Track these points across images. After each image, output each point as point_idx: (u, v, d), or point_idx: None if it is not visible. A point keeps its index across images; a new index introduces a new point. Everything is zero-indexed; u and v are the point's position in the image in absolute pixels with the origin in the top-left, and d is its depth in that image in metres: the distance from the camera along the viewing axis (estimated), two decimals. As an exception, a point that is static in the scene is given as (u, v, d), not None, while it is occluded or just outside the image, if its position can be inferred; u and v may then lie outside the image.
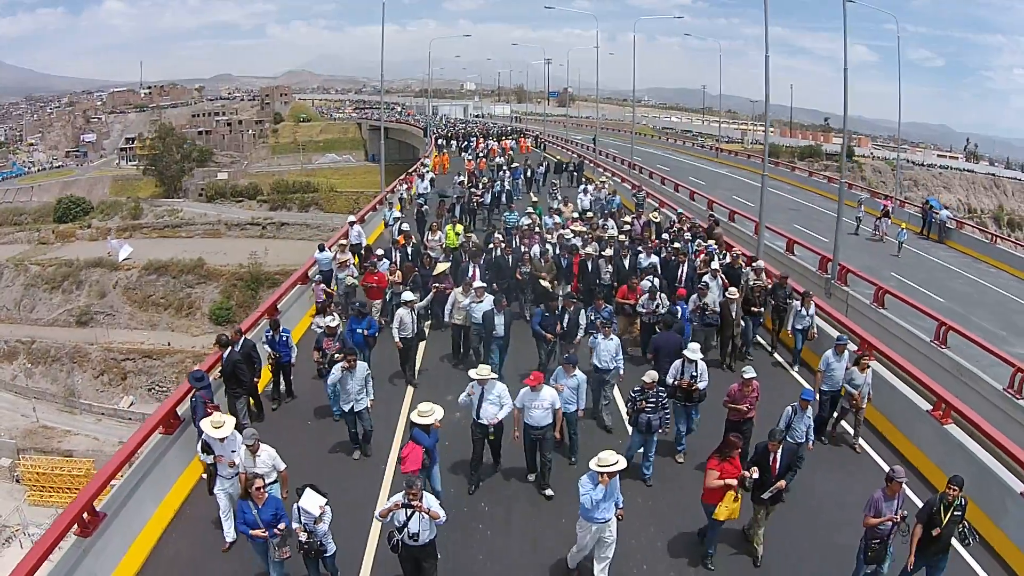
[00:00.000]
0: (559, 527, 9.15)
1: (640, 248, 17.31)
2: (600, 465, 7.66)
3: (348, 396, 10.40)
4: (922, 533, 7.72)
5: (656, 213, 24.02)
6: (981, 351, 16.24)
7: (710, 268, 15.59)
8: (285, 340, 12.40)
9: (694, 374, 10.58)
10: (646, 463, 10.32)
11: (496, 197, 27.19)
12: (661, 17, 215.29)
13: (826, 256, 22.79)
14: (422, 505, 7.28)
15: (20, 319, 77.03)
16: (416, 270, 15.54)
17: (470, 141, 57.30)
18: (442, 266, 15.67)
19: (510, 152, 48.18)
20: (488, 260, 16.26)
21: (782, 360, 15.25)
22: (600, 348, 11.61)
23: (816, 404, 11.02)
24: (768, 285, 15.46)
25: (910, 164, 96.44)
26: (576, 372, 10.39)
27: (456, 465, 10.49)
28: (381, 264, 16.10)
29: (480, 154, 45.15)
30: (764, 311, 15.27)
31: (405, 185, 32.09)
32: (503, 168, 34.89)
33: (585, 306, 13.41)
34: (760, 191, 22.78)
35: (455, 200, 26.01)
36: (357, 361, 10.40)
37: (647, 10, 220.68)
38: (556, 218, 21.29)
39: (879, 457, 11.48)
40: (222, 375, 11.25)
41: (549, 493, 9.97)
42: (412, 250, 17.20)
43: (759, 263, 16.50)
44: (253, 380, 11.44)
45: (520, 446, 10.09)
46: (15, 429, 59.75)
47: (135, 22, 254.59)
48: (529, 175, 35.08)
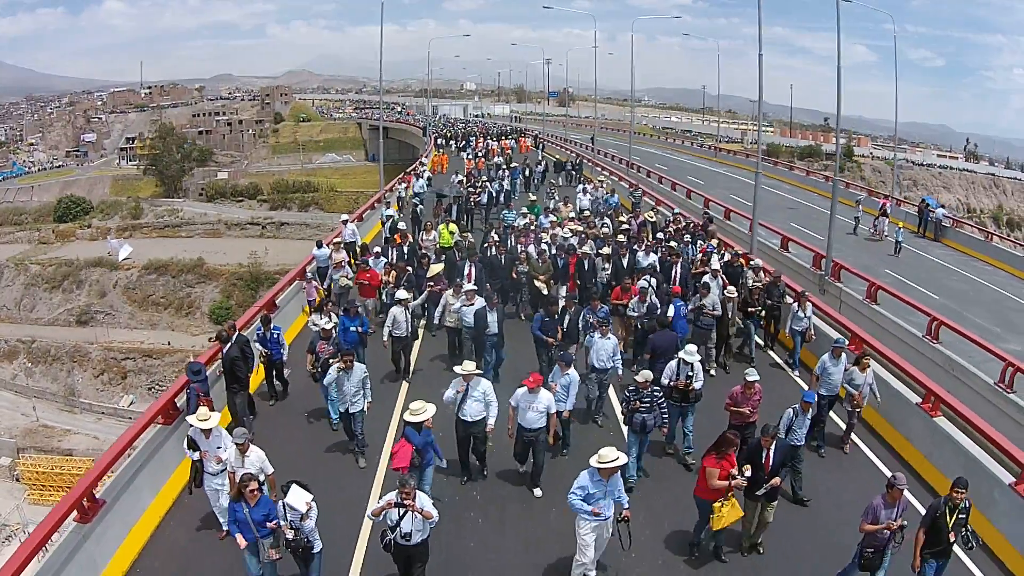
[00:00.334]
0: (549, 521, 9.21)
1: (638, 247, 17.14)
2: (601, 462, 7.56)
3: (344, 397, 10.30)
4: (926, 538, 7.52)
5: (652, 212, 23.87)
6: (975, 347, 16.26)
7: (710, 268, 15.41)
8: (276, 337, 12.31)
9: (690, 374, 10.44)
10: (636, 464, 10.15)
11: (494, 197, 27.21)
12: (659, 17, 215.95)
13: (820, 253, 22.83)
14: (415, 504, 7.24)
15: (20, 318, 77.01)
16: (410, 269, 15.44)
17: (469, 141, 57.27)
18: (436, 267, 15.45)
19: (509, 152, 48.23)
20: (482, 259, 16.15)
21: (779, 360, 15.14)
22: (597, 347, 11.44)
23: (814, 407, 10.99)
24: (764, 284, 15.35)
25: (910, 164, 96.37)
26: (570, 371, 10.30)
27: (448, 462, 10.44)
28: (377, 262, 16.08)
29: (479, 154, 45.22)
30: (761, 311, 15.09)
31: (403, 184, 32.11)
32: (501, 168, 34.89)
33: (582, 306, 13.25)
34: (754, 189, 22.90)
35: (452, 200, 25.91)
36: (354, 362, 10.30)
37: (647, 10, 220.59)
38: (553, 217, 21.11)
39: (872, 453, 11.58)
40: (223, 371, 11.28)
41: (538, 493, 9.93)
42: (408, 249, 17.19)
43: (756, 262, 16.43)
44: (249, 376, 11.44)
45: (510, 447, 10.05)
46: (15, 428, 59.72)
47: (135, 22, 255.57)
48: (527, 174, 35.02)
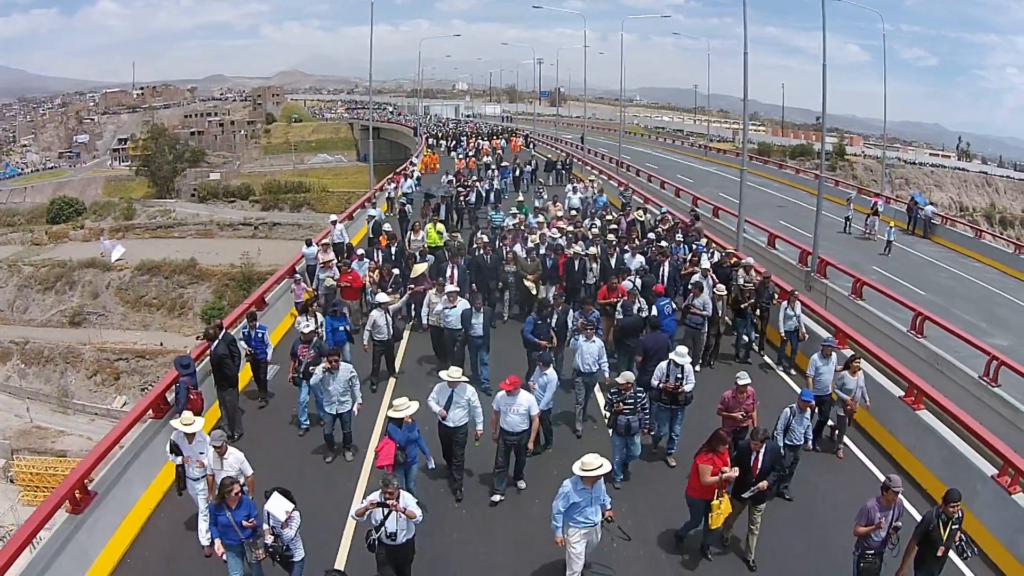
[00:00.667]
0: (537, 519, 9.13)
1: (627, 247, 16.94)
2: (584, 469, 7.40)
3: (331, 398, 10.15)
4: (918, 551, 7.41)
5: (641, 211, 23.71)
6: (961, 342, 16.28)
7: (700, 268, 15.29)
8: (261, 337, 12.26)
9: (679, 377, 10.25)
10: (627, 466, 10.07)
11: (483, 196, 27.11)
12: (649, 16, 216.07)
13: (806, 250, 22.84)
14: (398, 504, 7.16)
15: (13, 320, 77.08)
16: (396, 271, 15.29)
17: (460, 140, 57.23)
18: (420, 267, 15.25)
19: (500, 151, 48.23)
20: (469, 260, 16.00)
21: (770, 361, 14.97)
22: (582, 351, 11.27)
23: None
24: (755, 283, 15.15)
25: (902, 163, 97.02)
26: (548, 371, 10.22)
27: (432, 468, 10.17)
28: (360, 264, 15.99)
29: (469, 153, 45.22)
30: (755, 311, 14.89)
31: (392, 184, 31.95)
32: (490, 167, 34.81)
33: (571, 306, 13.05)
34: (739, 185, 23.02)
35: (441, 199, 25.66)
36: (340, 362, 10.18)
37: (640, 10, 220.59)
38: (540, 217, 20.92)
39: (856, 448, 11.52)
40: (212, 369, 11.35)
41: (522, 485, 9.90)
42: (396, 250, 17.06)
43: (748, 260, 16.24)
44: (237, 373, 11.54)
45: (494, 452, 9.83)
46: (9, 430, 59.61)
47: (128, 23, 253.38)
48: (517, 174, 34.94)
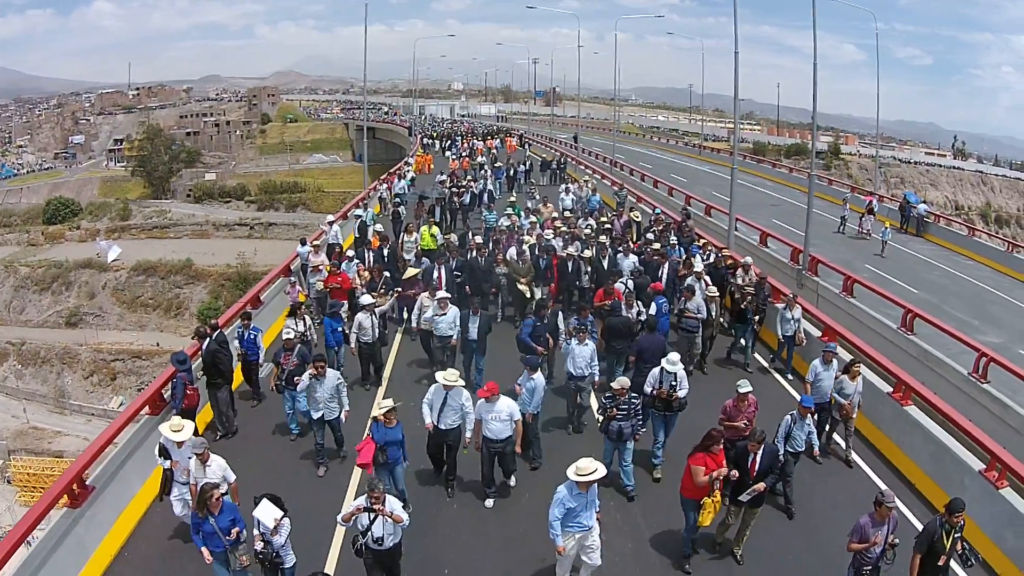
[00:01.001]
0: (527, 518, 9.26)
1: (620, 249, 16.76)
2: (579, 474, 7.38)
3: (317, 404, 10.08)
4: (922, 562, 7.29)
5: (637, 212, 23.45)
6: (952, 339, 16.32)
7: (693, 271, 14.98)
8: (253, 338, 12.29)
9: (673, 383, 10.10)
10: (625, 473, 9.89)
11: (476, 197, 26.96)
12: (643, 16, 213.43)
13: (797, 248, 22.89)
14: (384, 509, 7.14)
15: (10, 320, 76.93)
16: (387, 273, 15.18)
17: (455, 141, 57.13)
18: (412, 270, 15.09)
19: (495, 151, 48.21)
20: (461, 262, 15.81)
21: (766, 364, 14.83)
22: (575, 354, 11.19)
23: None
24: (752, 283, 14.92)
25: (898, 162, 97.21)
26: (535, 375, 10.18)
27: (423, 469, 10.28)
28: (350, 266, 15.97)
29: (463, 153, 45.19)
30: (756, 317, 14.46)
31: (385, 185, 31.60)
32: (484, 167, 34.67)
33: (564, 308, 12.91)
34: (730, 183, 23.14)
35: (435, 200, 25.49)
36: (326, 368, 10.11)
37: (635, 9, 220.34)
38: (533, 218, 20.53)
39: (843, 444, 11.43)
40: (203, 368, 11.44)
41: (512, 482, 9.87)
42: (388, 252, 16.98)
43: (747, 260, 16.01)
44: (232, 370, 11.67)
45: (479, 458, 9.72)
46: (5, 430, 59.62)
47: (124, 23, 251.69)
48: (511, 174, 34.73)
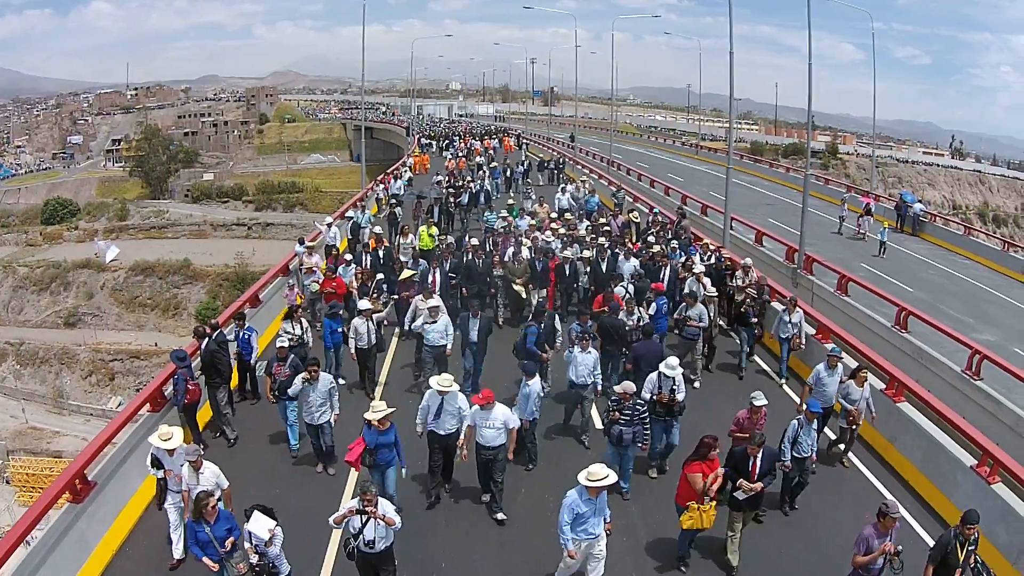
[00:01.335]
0: (522, 519, 9.31)
1: (619, 251, 16.53)
2: (590, 479, 7.37)
3: (310, 409, 10.03)
4: (934, 573, 7.23)
5: (636, 212, 23.16)
6: (947, 337, 16.39)
7: (692, 272, 14.83)
8: (247, 338, 12.30)
9: (673, 387, 10.12)
10: (624, 477, 9.83)
11: (474, 197, 26.83)
12: (640, 16, 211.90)
13: (792, 247, 22.87)
14: (376, 511, 7.12)
15: (8, 321, 77.22)
16: (380, 276, 15.11)
17: (452, 141, 56.95)
18: (408, 272, 14.89)
19: (492, 151, 48.13)
20: (457, 264, 15.65)
21: (766, 367, 14.62)
22: (577, 362, 11.00)
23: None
24: (752, 284, 14.74)
25: (895, 161, 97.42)
26: (531, 382, 10.12)
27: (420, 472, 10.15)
28: (347, 270, 15.90)
29: (461, 154, 45.03)
30: (757, 323, 14.25)
31: (382, 186, 31.36)
32: (481, 168, 34.30)
33: (563, 312, 12.84)
34: (726, 183, 23.26)
35: (432, 201, 25.05)
36: (320, 373, 10.05)
37: (633, 9, 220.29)
38: (529, 219, 20.29)
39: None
40: (202, 367, 11.49)
41: (500, 517, 9.40)
42: (384, 254, 16.82)
43: (747, 260, 15.88)
44: (231, 370, 11.77)
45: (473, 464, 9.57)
46: (4, 430, 59.90)
47: (122, 23, 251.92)
48: (508, 174, 34.35)
